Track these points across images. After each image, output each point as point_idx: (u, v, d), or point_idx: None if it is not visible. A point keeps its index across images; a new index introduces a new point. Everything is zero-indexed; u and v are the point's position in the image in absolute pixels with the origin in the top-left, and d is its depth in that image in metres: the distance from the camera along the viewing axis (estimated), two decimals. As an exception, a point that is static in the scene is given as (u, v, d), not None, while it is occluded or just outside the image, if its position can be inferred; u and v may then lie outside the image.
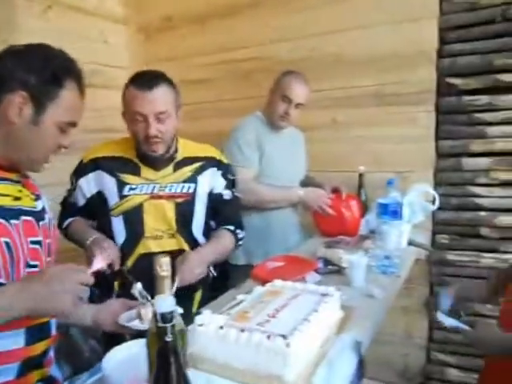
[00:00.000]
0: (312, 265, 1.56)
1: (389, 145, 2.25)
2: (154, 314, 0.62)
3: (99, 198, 1.51)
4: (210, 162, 1.61)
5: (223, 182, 1.64)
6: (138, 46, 2.93)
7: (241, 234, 1.66)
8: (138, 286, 1.23)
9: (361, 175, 2.18)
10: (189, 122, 2.75)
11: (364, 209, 2.09)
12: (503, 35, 2.00)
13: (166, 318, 0.60)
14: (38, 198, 1.11)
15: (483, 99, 2.04)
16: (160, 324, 0.60)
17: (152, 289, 0.73)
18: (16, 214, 0.99)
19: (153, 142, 1.43)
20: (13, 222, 0.97)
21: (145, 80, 1.42)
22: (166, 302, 0.61)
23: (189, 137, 1.70)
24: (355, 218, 1.99)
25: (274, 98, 2.04)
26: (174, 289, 0.75)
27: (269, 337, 0.93)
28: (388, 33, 2.22)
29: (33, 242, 1.02)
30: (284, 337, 0.93)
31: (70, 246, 1.57)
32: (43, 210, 1.11)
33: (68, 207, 1.62)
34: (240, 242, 1.67)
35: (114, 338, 1.04)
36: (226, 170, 1.66)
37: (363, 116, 2.31)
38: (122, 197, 1.48)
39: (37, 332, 0.99)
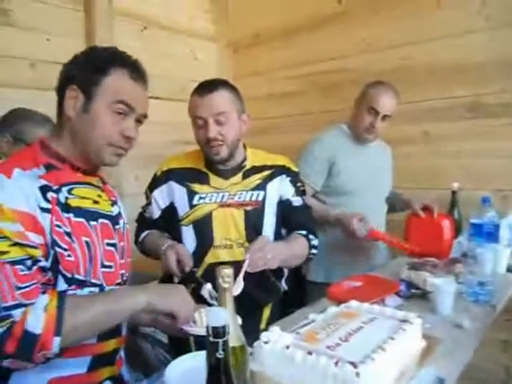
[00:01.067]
0: (393, 286, 1.45)
1: (486, 160, 2.07)
2: (207, 328, 0.59)
3: (172, 209, 1.54)
4: (278, 170, 1.60)
5: (292, 189, 1.61)
6: (226, 62, 3.02)
7: (314, 240, 1.60)
8: (208, 286, 1.23)
9: (454, 193, 2.00)
10: (275, 136, 2.79)
11: (457, 229, 1.91)
12: None
13: (218, 332, 0.57)
14: (114, 203, 1.17)
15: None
16: (211, 339, 0.57)
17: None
18: (95, 216, 1.05)
19: (214, 145, 1.44)
20: (92, 223, 1.04)
21: (205, 86, 1.44)
22: (218, 315, 0.58)
23: (273, 150, 1.69)
24: (447, 239, 1.82)
25: (359, 109, 1.97)
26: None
27: (337, 363, 0.86)
28: (485, 39, 2.05)
29: (109, 244, 1.07)
30: (354, 365, 0.85)
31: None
32: (119, 214, 1.17)
33: (144, 222, 1.66)
34: (314, 251, 1.60)
35: (182, 347, 1.03)
36: (294, 177, 1.63)
37: (457, 129, 2.15)
38: (191, 206, 1.49)
39: (108, 330, 1.01)
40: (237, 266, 1.19)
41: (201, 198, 1.49)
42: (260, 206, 1.53)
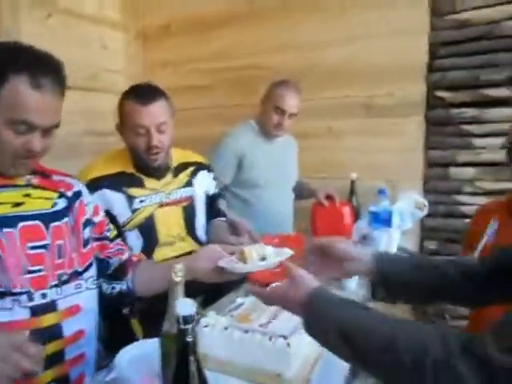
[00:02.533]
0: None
1: (380, 154, 2.34)
2: (174, 316, 0.69)
3: (108, 217, 1.50)
4: (199, 166, 1.74)
5: (214, 183, 1.81)
6: (136, 51, 2.99)
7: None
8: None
9: (353, 182, 2.27)
10: (184, 128, 2.83)
11: (356, 215, 2.18)
12: (489, 52, 2.10)
13: (188, 320, 0.67)
14: (61, 195, 1.12)
15: (470, 112, 2.14)
16: (182, 326, 0.67)
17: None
18: (11, 221, 0.99)
19: (155, 153, 1.49)
20: (6, 230, 0.98)
21: (144, 93, 1.48)
22: (187, 305, 0.68)
23: (183, 142, 1.79)
24: (347, 224, 2.07)
25: (266, 108, 2.09)
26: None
27: (270, 338, 1.01)
28: (382, 46, 2.31)
29: (34, 247, 1.02)
30: (284, 337, 1.01)
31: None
32: (64, 209, 1.11)
33: None
34: None
35: (118, 342, 1.07)
36: (213, 172, 1.82)
37: (356, 126, 2.40)
38: (133, 210, 1.52)
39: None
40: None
41: (141, 201, 1.53)
42: (193, 201, 1.66)
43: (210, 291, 1.68)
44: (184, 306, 0.68)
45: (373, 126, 2.36)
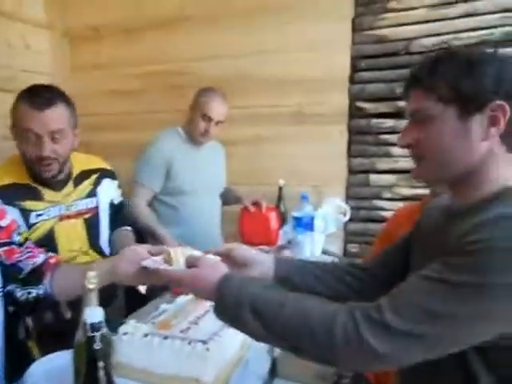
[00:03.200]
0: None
1: (307, 161, 2.43)
2: (84, 324, 0.68)
3: None
4: (103, 173, 1.65)
5: (119, 192, 1.72)
6: (62, 53, 2.88)
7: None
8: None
9: (280, 188, 2.33)
10: (114, 133, 2.77)
11: (283, 220, 2.24)
12: (405, 66, 2.25)
13: (96, 327, 0.66)
14: None
15: (388, 122, 2.28)
16: (89, 333, 0.66)
17: (77, 310, 0.76)
18: None
19: (46, 164, 1.37)
20: None
21: (40, 97, 1.34)
22: (95, 312, 0.67)
23: (112, 148, 1.75)
24: (274, 229, 2.13)
25: (193, 115, 2.10)
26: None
27: (190, 343, 1.02)
28: (308, 59, 2.40)
29: None
30: (204, 342, 1.02)
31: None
32: None
33: None
34: None
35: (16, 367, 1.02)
36: (117, 179, 1.72)
37: (284, 134, 2.47)
38: (29, 226, 1.39)
39: None
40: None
41: (38, 215, 1.42)
42: (96, 212, 1.58)
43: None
44: (92, 313, 0.67)
45: (300, 134, 2.44)
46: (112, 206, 1.66)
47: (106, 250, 1.63)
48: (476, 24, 2.14)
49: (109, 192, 1.65)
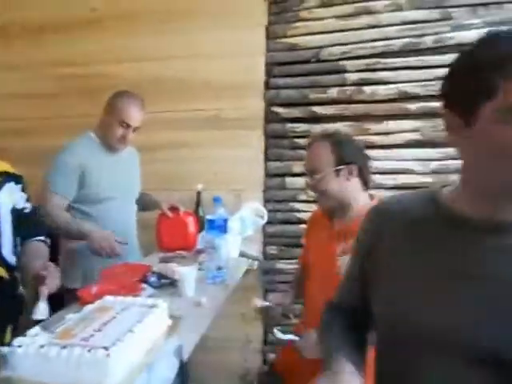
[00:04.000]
0: (134, 288, 1.57)
1: (225, 165, 2.45)
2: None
3: None
4: (7, 177, 1.53)
5: (24, 196, 1.58)
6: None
7: (49, 242, 1.63)
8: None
9: (198, 193, 2.32)
10: (26, 139, 2.60)
11: (201, 225, 2.23)
12: (316, 73, 2.36)
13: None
14: None
15: (302, 127, 2.37)
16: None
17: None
18: None
19: None
20: None
21: None
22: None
23: (25, 154, 1.63)
24: (192, 234, 2.11)
25: (109, 121, 2.01)
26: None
27: (90, 350, 0.97)
28: (226, 64, 2.44)
29: None
30: (106, 348, 0.98)
31: None
32: None
33: None
34: None
35: None
36: (23, 183, 1.60)
37: (203, 138, 2.47)
38: None
39: None
40: None
41: None
42: None
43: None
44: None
45: (218, 138, 2.45)
46: (15, 211, 1.53)
47: (10, 258, 1.49)
48: (378, 35, 2.29)
49: (12, 197, 1.52)
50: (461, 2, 2.25)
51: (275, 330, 1.51)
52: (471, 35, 2.23)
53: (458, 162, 2.29)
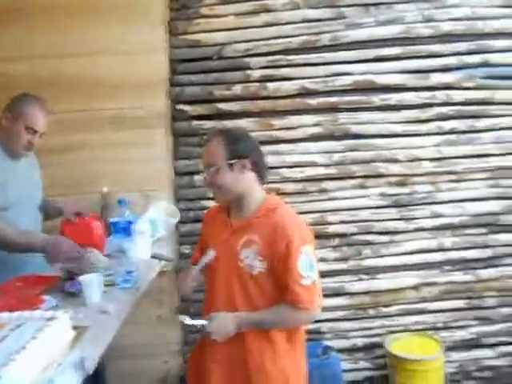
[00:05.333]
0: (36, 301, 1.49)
1: (132, 166, 2.36)
2: None
3: None
4: None
5: None
6: None
7: None
8: None
9: (104, 196, 2.23)
10: None
11: (109, 229, 2.14)
12: (220, 70, 2.37)
13: None
14: None
15: (209, 124, 2.37)
16: None
17: None
18: None
19: None
20: None
21: None
22: None
23: None
24: (98, 239, 2.01)
25: (14, 126, 1.85)
26: None
27: (-23, 374, 0.89)
28: (127, 61, 2.34)
29: None
30: (-6, 370, 0.91)
31: None
32: None
33: None
34: None
35: None
36: None
37: (106, 138, 2.37)
38: None
39: None
40: None
41: None
42: None
43: None
44: None
45: (123, 138, 2.36)
46: None
47: None
48: (278, 33, 2.35)
49: None
50: (353, 2, 2.39)
51: (182, 317, 1.49)
52: (364, 33, 2.38)
53: (358, 154, 2.45)
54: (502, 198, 2.52)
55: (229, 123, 2.34)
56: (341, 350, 2.56)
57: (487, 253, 2.55)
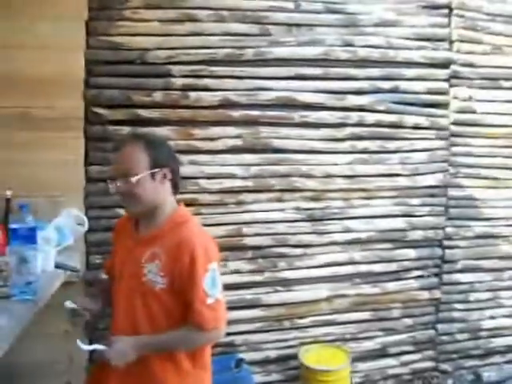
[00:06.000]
0: None
1: (40, 169, 2.18)
2: None
3: None
4: None
5: None
6: None
7: None
8: None
9: (8, 200, 2.06)
10: None
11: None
12: (141, 75, 2.31)
13: None
14: None
15: (126, 130, 2.28)
16: None
17: None
18: None
19: None
20: None
21: None
22: None
23: None
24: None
25: None
26: None
27: None
28: (37, 57, 2.17)
29: None
30: None
31: None
32: None
33: None
34: None
35: None
36: None
37: (11, 139, 2.17)
38: None
39: None
40: None
41: None
42: None
43: None
44: None
45: (30, 139, 2.18)
46: None
47: None
48: (202, 43, 2.35)
49: None
50: (277, 21, 2.45)
51: (79, 342, 1.41)
52: (287, 52, 2.45)
53: (276, 168, 2.50)
54: (407, 216, 2.70)
55: (148, 130, 2.27)
56: (254, 363, 2.56)
57: (393, 267, 2.72)
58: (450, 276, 2.85)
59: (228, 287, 2.47)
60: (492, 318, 2.97)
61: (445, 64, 2.70)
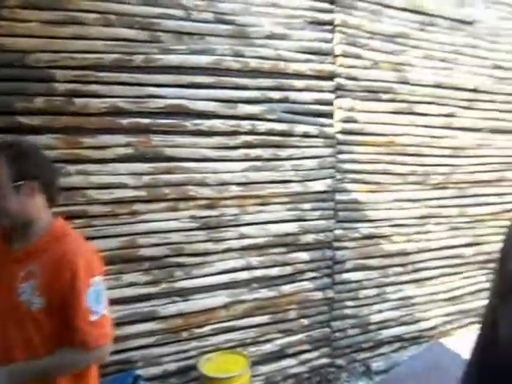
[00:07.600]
0: None
1: None
2: None
3: None
4: None
5: None
6: None
7: None
8: None
9: None
10: None
11: None
12: (21, 80, 2.14)
13: None
14: None
15: (7, 138, 2.09)
16: None
17: None
18: None
19: None
20: None
21: None
22: None
23: None
24: None
25: None
26: None
27: None
28: None
29: None
30: None
31: None
32: None
33: None
34: None
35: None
36: None
37: None
38: None
39: None
40: None
41: None
42: None
43: None
44: None
45: None
46: None
47: None
48: (88, 47, 2.25)
49: None
50: (168, 28, 2.43)
51: None
52: (177, 59, 2.44)
53: (169, 176, 2.46)
54: (299, 220, 2.82)
55: (29, 138, 2.12)
56: (153, 378, 2.49)
57: (288, 270, 2.82)
58: (340, 276, 3.02)
59: (123, 301, 2.40)
60: (380, 311, 3.20)
61: (330, 77, 2.87)
